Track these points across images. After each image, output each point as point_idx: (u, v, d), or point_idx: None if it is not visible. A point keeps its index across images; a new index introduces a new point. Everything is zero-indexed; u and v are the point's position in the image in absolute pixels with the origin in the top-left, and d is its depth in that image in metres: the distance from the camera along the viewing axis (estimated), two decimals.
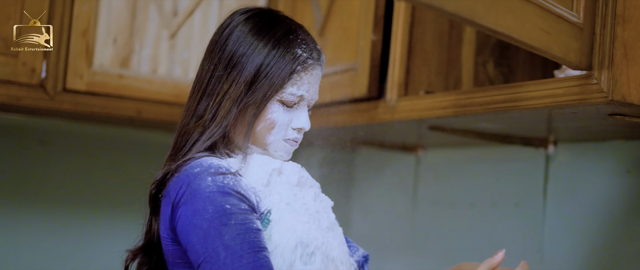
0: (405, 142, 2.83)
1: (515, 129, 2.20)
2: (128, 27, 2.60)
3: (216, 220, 1.51)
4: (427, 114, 2.07)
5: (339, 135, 2.75)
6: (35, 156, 2.91)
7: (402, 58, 2.19)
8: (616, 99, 1.62)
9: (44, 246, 2.91)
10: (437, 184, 2.80)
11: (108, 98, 2.56)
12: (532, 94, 1.78)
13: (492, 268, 1.54)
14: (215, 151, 1.66)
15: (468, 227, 2.63)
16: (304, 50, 1.65)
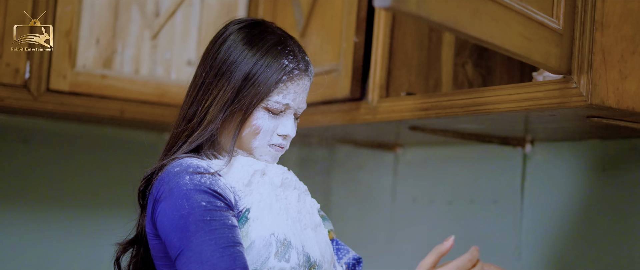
0: (383, 141, 2.87)
1: (493, 129, 2.25)
2: (110, 27, 2.63)
3: (192, 216, 1.59)
4: (408, 115, 2.11)
5: (317, 134, 2.79)
6: (18, 155, 2.92)
7: (383, 60, 2.23)
8: (595, 102, 1.67)
9: (28, 245, 2.93)
10: (415, 181, 2.84)
11: (91, 98, 2.58)
12: (512, 96, 1.83)
13: (441, 255, 1.59)
14: (200, 152, 1.75)
15: (446, 225, 2.68)
16: (290, 61, 1.72)
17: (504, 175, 2.50)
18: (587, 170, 2.29)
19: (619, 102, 1.70)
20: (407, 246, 2.82)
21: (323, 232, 1.83)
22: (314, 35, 2.48)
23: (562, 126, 2.06)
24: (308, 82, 1.78)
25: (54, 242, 2.97)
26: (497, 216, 2.52)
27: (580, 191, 2.30)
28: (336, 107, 2.35)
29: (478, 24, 1.45)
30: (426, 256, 1.59)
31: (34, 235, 2.95)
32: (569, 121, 1.94)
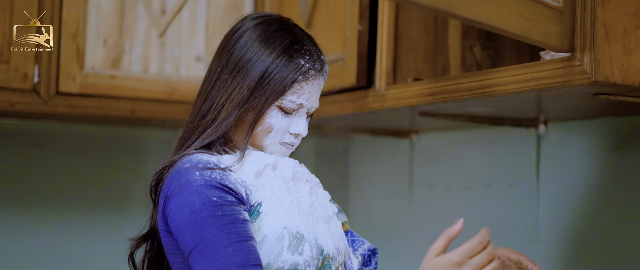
0: (398, 128, 2.85)
1: (505, 110, 2.22)
2: (117, 27, 2.62)
3: (203, 212, 1.59)
4: (416, 101, 2.08)
5: (332, 124, 2.77)
6: (33, 159, 2.93)
7: (389, 46, 2.21)
8: (599, 79, 1.64)
9: (47, 246, 2.94)
10: (432, 167, 2.82)
11: (101, 99, 2.58)
12: (517, 77, 1.80)
13: (451, 238, 1.56)
14: (212, 148, 1.74)
15: (464, 210, 2.65)
16: (307, 61, 1.72)
17: (519, 157, 2.48)
18: (601, 149, 2.26)
19: (624, 78, 1.67)
20: (426, 232, 2.80)
21: (336, 224, 1.81)
22: (320, 25, 2.46)
23: (574, 105, 2.03)
24: (323, 81, 1.78)
25: (72, 242, 2.97)
26: (513, 199, 2.49)
27: (595, 170, 2.27)
28: (345, 97, 2.33)
29: (471, 5, 1.43)
30: (436, 241, 1.56)
31: (52, 236, 2.95)
32: (578, 99, 1.92)
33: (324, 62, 1.78)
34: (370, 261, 1.89)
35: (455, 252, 1.53)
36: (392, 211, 2.98)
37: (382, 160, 3.05)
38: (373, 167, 3.11)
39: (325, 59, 1.80)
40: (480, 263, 1.52)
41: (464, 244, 1.52)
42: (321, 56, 1.77)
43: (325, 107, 2.39)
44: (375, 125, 2.84)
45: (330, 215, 1.80)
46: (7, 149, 2.91)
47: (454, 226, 1.56)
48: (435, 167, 2.80)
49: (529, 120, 2.38)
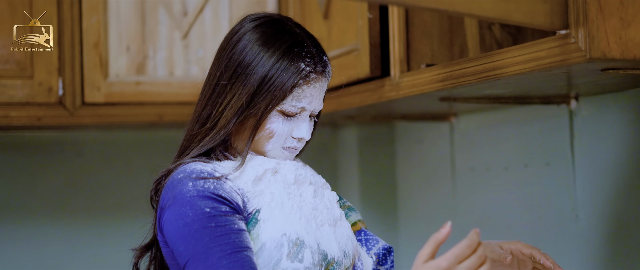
0: (436, 112, 2.77)
1: (529, 89, 2.13)
2: (139, 33, 2.62)
3: (196, 224, 1.57)
4: (427, 88, 2.02)
5: (369, 112, 2.72)
6: (74, 169, 2.95)
7: (400, 33, 2.14)
8: (595, 56, 1.54)
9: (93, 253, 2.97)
10: (472, 150, 2.74)
11: (128, 106, 2.59)
12: (517, 59, 1.72)
13: (439, 243, 1.46)
14: (211, 155, 1.72)
15: (503, 192, 2.58)
16: (307, 64, 1.67)
17: (553, 135, 2.38)
18: (635, 121, 2.15)
19: (623, 52, 1.56)
20: (469, 217, 2.73)
21: (344, 226, 1.77)
22: (336, 16, 2.41)
23: (597, 79, 1.93)
24: (326, 82, 1.74)
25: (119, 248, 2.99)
26: (551, 178, 2.40)
27: (630, 143, 2.17)
28: (364, 87, 2.28)
29: None
30: (423, 246, 1.49)
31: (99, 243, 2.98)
32: (589, 76, 1.82)
33: (326, 63, 1.73)
34: (385, 260, 1.84)
35: (443, 258, 1.45)
36: (436, 196, 2.91)
37: (425, 145, 2.99)
38: (417, 152, 3.04)
39: (328, 58, 1.75)
40: (469, 268, 1.45)
41: (451, 248, 1.45)
42: (323, 57, 1.73)
43: (348, 98, 2.35)
44: (410, 111, 2.77)
45: (336, 217, 1.76)
46: (47, 160, 2.94)
47: (442, 230, 1.47)
48: (475, 150, 2.72)
49: (559, 96, 2.28)
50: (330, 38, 2.44)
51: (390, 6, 2.17)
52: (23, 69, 2.46)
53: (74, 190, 2.94)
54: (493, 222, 2.62)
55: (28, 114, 2.46)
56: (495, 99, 2.25)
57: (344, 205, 1.87)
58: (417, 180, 3.04)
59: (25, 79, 2.46)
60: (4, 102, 2.44)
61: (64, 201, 2.95)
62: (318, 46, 1.74)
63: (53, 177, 2.93)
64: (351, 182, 3.16)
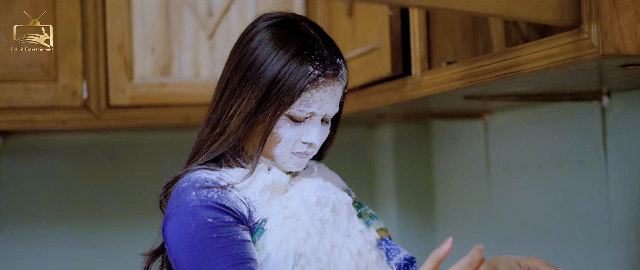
0: (470, 109, 2.70)
1: (557, 86, 2.05)
2: (164, 34, 2.59)
3: (198, 234, 1.54)
4: (447, 87, 1.95)
5: (397, 111, 2.66)
6: (106, 171, 2.94)
7: (421, 30, 2.08)
8: (608, 52, 1.47)
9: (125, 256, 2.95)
10: (506, 148, 2.66)
11: (153, 108, 2.56)
12: (532, 56, 1.65)
13: (439, 260, 1.38)
14: (222, 160, 1.69)
15: (537, 191, 2.50)
16: (316, 67, 1.61)
17: (585, 133, 2.30)
18: None
19: (639, 48, 1.49)
20: (504, 218, 2.65)
21: (358, 237, 1.71)
22: (359, 14, 2.36)
23: (621, 76, 1.85)
24: (338, 86, 1.67)
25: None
26: (584, 178, 2.31)
27: None
28: (387, 86, 2.22)
29: None
30: (424, 263, 1.42)
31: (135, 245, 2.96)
32: (611, 72, 1.74)
33: (339, 66, 1.66)
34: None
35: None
36: (472, 196, 2.84)
37: (460, 144, 2.92)
38: (453, 151, 2.97)
39: (343, 61, 1.69)
40: None
41: (452, 266, 1.38)
42: (336, 59, 1.66)
43: (372, 98, 2.30)
44: (442, 109, 2.70)
45: (351, 228, 1.71)
46: (80, 162, 2.93)
47: (443, 246, 1.40)
48: (510, 148, 2.64)
49: (590, 93, 2.20)
50: (355, 36, 2.38)
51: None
52: (47, 72, 2.45)
53: (107, 192, 2.93)
54: (527, 224, 2.54)
55: (53, 117, 2.45)
56: (523, 96, 2.18)
57: (366, 213, 1.82)
58: (453, 180, 2.97)
59: (49, 83, 2.45)
60: (29, 106, 2.43)
61: (98, 203, 2.95)
62: (331, 48, 1.67)
63: (86, 180, 2.93)
64: (387, 182, 3.10)
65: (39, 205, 2.88)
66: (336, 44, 1.72)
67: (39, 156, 2.89)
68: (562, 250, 2.38)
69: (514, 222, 2.59)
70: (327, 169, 1.89)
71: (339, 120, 1.81)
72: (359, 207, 1.82)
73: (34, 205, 2.88)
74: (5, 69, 2.43)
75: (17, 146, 2.86)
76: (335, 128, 1.82)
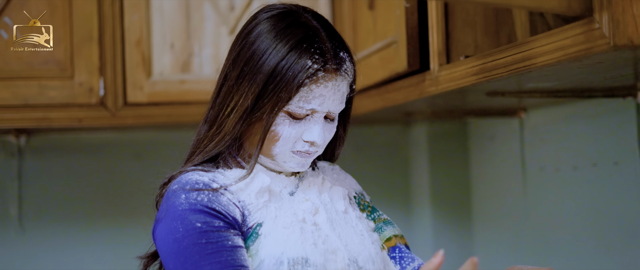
0: (505, 106, 2.57)
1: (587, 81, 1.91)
2: (184, 29, 2.51)
3: (186, 240, 1.46)
4: (464, 82, 1.83)
5: (422, 108, 2.56)
6: (132, 170, 2.89)
7: (438, 22, 1.96)
8: (620, 43, 1.34)
9: None
10: (542, 148, 2.53)
11: (172, 106, 2.49)
12: (544, 48, 1.53)
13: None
14: (219, 160, 1.61)
15: (573, 192, 2.37)
16: (315, 61, 1.51)
17: (620, 131, 2.17)
18: None
19: None
20: (540, 220, 2.53)
21: (368, 243, 1.62)
22: (380, 6, 2.25)
23: None
24: (342, 81, 1.56)
25: None
26: (619, 179, 2.18)
27: None
28: (407, 82, 2.11)
29: None
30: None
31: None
32: (630, 66, 1.61)
33: (342, 60, 1.56)
34: None
35: None
36: (508, 197, 2.72)
37: (496, 142, 2.79)
38: (489, 150, 2.85)
39: (348, 54, 1.58)
40: None
41: None
42: (340, 53, 1.55)
43: (393, 94, 2.20)
44: (473, 106, 2.58)
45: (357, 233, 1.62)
46: (106, 161, 2.88)
47: (433, 259, 1.32)
48: (545, 147, 2.51)
49: (624, 88, 2.06)
50: (376, 29, 2.28)
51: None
52: (63, 69, 2.39)
53: (132, 192, 2.87)
54: (563, 226, 2.41)
55: (68, 115, 2.40)
56: (550, 92, 2.05)
57: (379, 218, 1.72)
58: (489, 180, 2.85)
59: (65, 80, 2.40)
60: (44, 103, 2.38)
61: (123, 203, 2.90)
62: (335, 40, 1.57)
63: (111, 179, 2.88)
64: (422, 181, 2.99)
65: (62, 204, 2.84)
66: (342, 37, 1.61)
67: (62, 155, 2.85)
68: (599, 255, 2.25)
69: (550, 225, 2.47)
70: (340, 171, 1.80)
71: (348, 119, 1.71)
72: (373, 212, 1.73)
73: (57, 204, 2.84)
74: (20, 66, 2.38)
75: (40, 145, 2.82)
76: (345, 127, 1.72)
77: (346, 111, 1.69)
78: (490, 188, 2.83)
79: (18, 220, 2.80)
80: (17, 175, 2.80)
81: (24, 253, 2.82)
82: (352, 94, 1.65)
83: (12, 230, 2.80)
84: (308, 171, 1.70)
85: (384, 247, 1.69)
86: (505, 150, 2.71)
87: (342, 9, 2.54)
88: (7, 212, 2.80)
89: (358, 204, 1.74)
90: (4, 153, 2.80)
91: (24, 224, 2.81)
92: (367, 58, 2.30)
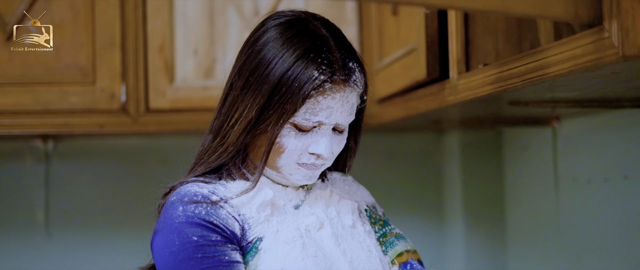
0: (537, 115, 2.49)
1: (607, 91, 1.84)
2: (208, 35, 2.48)
3: (182, 254, 1.44)
4: (481, 92, 1.77)
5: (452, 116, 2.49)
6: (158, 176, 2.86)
7: (458, 29, 1.89)
8: (630, 53, 1.27)
9: None
10: (574, 158, 2.44)
11: (194, 113, 2.45)
12: (556, 57, 1.46)
13: None
14: (222, 171, 1.57)
15: (604, 206, 2.28)
16: (322, 72, 1.46)
17: None
18: None
19: None
20: (572, 234, 2.44)
21: (375, 259, 1.57)
22: (403, 13, 2.19)
23: None
24: (351, 93, 1.51)
25: None
26: None
27: None
28: (428, 90, 2.05)
29: None
30: None
31: None
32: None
33: (351, 71, 1.50)
34: None
35: None
36: (541, 209, 2.63)
37: (530, 152, 2.71)
38: (522, 160, 2.77)
39: (359, 65, 1.53)
40: None
41: None
42: (348, 63, 1.50)
43: (416, 102, 2.14)
44: (509, 114, 2.50)
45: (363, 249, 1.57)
46: (133, 167, 2.87)
47: None
48: (577, 158, 2.42)
49: None
50: (399, 36, 2.22)
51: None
52: (85, 74, 2.38)
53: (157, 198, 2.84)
54: (594, 240, 2.33)
55: (90, 121, 2.38)
56: (575, 102, 1.97)
57: (391, 232, 1.67)
58: (523, 190, 2.77)
59: (86, 85, 2.38)
60: (65, 109, 2.36)
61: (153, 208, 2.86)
62: (344, 50, 1.51)
63: (138, 185, 2.86)
64: (455, 190, 2.91)
65: (89, 210, 2.83)
66: (352, 46, 1.56)
67: (89, 160, 2.83)
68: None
69: (582, 239, 2.38)
70: (352, 182, 1.75)
71: (360, 130, 1.66)
72: (384, 226, 1.68)
73: (84, 210, 2.83)
74: (42, 71, 2.37)
75: (67, 150, 2.81)
76: (357, 138, 1.67)
77: (357, 122, 1.63)
78: (524, 199, 2.75)
79: (45, 225, 2.80)
80: (44, 180, 2.79)
81: (51, 258, 2.81)
82: (363, 105, 1.59)
83: (39, 235, 2.80)
84: (317, 183, 1.65)
85: (395, 262, 1.63)
86: (539, 161, 2.63)
87: (369, 15, 2.49)
88: (34, 218, 2.79)
89: (369, 217, 1.68)
90: (32, 158, 2.80)
91: (51, 229, 2.80)
92: (391, 65, 2.24)
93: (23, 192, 2.80)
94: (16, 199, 2.80)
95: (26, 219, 2.80)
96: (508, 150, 2.85)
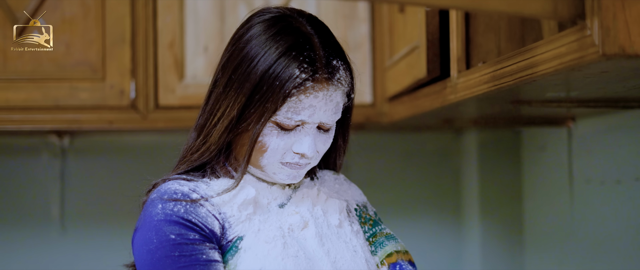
0: (552, 115, 2.45)
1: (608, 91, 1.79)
2: (218, 32, 2.47)
3: (160, 252, 1.42)
4: (478, 91, 1.74)
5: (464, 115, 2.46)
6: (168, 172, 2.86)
7: (459, 26, 1.86)
8: (611, 52, 1.23)
9: None
10: (589, 159, 2.39)
11: None
12: (544, 56, 1.43)
13: None
14: (206, 169, 1.56)
15: (617, 208, 2.23)
16: (304, 70, 1.43)
17: None
18: None
19: None
20: (587, 234, 2.40)
21: (361, 259, 1.55)
22: (409, 9, 2.17)
23: None
24: (334, 91, 1.48)
25: None
26: None
27: None
28: (431, 89, 2.02)
29: None
30: None
31: None
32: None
33: (335, 69, 1.47)
34: None
35: None
36: (556, 210, 2.59)
37: (547, 153, 2.66)
38: (539, 160, 2.72)
39: (344, 62, 1.50)
40: None
41: None
42: (332, 61, 1.47)
43: (421, 101, 2.12)
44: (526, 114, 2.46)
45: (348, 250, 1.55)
46: (148, 163, 2.86)
47: None
48: (592, 159, 2.37)
49: None
50: (405, 33, 2.19)
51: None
52: (95, 71, 2.38)
53: None
54: (608, 242, 2.28)
55: (99, 117, 2.38)
56: (579, 102, 1.93)
57: (382, 232, 1.65)
58: (540, 191, 2.72)
59: (96, 82, 2.38)
60: (75, 105, 2.37)
61: None
62: (329, 48, 1.48)
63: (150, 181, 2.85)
64: (472, 190, 2.88)
65: (104, 205, 2.84)
66: (338, 44, 1.53)
67: (105, 156, 2.84)
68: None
69: (596, 240, 2.33)
70: (343, 180, 1.72)
71: (348, 128, 1.64)
72: (374, 226, 1.66)
73: (99, 205, 2.84)
74: (52, 68, 2.37)
75: (83, 146, 2.82)
76: (345, 136, 1.65)
77: (345, 120, 1.61)
78: (541, 200, 2.71)
79: (60, 220, 2.81)
80: (59, 176, 2.80)
81: (66, 253, 2.82)
82: (350, 103, 1.57)
83: (54, 230, 2.81)
84: (304, 182, 1.63)
85: (384, 263, 1.60)
86: (554, 161, 2.58)
87: (381, 13, 2.46)
88: (49, 213, 2.81)
89: (359, 216, 1.66)
90: (47, 154, 2.81)
91: (66, 224, 2.82)
92: (398, 63, 2.22)
93: (39, 187, 2.82)
94: (32, 194, 2.82)
95: (42, 214, 2.81)
96: (526, 150, 2.80)
